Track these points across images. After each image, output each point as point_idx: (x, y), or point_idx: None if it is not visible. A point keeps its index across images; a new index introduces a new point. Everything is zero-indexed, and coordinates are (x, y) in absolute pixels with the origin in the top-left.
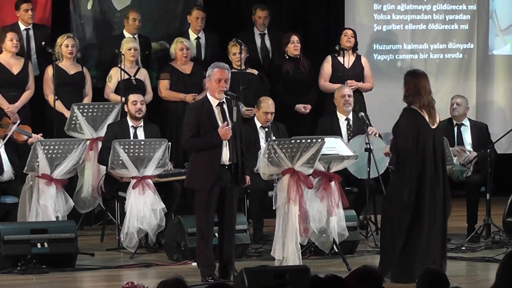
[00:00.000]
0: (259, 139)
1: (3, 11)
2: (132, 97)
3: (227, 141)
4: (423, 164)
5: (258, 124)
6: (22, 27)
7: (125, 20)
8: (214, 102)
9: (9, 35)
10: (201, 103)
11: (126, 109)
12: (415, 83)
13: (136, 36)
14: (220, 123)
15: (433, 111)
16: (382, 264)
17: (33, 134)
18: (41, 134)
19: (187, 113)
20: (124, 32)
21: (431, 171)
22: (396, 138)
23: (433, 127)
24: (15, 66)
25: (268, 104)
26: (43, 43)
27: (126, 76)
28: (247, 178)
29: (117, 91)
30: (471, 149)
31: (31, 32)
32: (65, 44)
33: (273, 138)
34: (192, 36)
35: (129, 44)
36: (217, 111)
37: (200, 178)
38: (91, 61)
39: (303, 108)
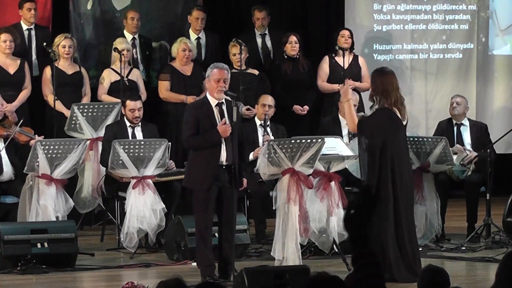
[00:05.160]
0: (258, 138)
1: (7, 12)
2: (130, 105)
3: (225, 141)
4: (399, 160)
5: (258, 122)
6: (24, 26)
7: (124, 20)
8: (213, 102)
9: (3, 37)
10: (201, 103)
11: (123, 112)
12: (382, 81)
13: (136, 36)
14: (218, 123)
15: (402, 107)
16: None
17: (36, 135)
18: (42, 136)
19: (186, 112)
20: (125, 32)
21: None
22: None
23: (404, 123)
24: (11, 66)
25: (266, 97)
26: (44, 44)
27: (119, 77)
28: (245, 180)
29: (109, 92)
30: (471, 149)
31: (33, 32)
32: (62, 45)
33: (269, 131)
34: (193, 36)
35: (122, 45)
36: (216, 111)
37: (198, 177)
38: (91, 61)
39: (300, 110)
